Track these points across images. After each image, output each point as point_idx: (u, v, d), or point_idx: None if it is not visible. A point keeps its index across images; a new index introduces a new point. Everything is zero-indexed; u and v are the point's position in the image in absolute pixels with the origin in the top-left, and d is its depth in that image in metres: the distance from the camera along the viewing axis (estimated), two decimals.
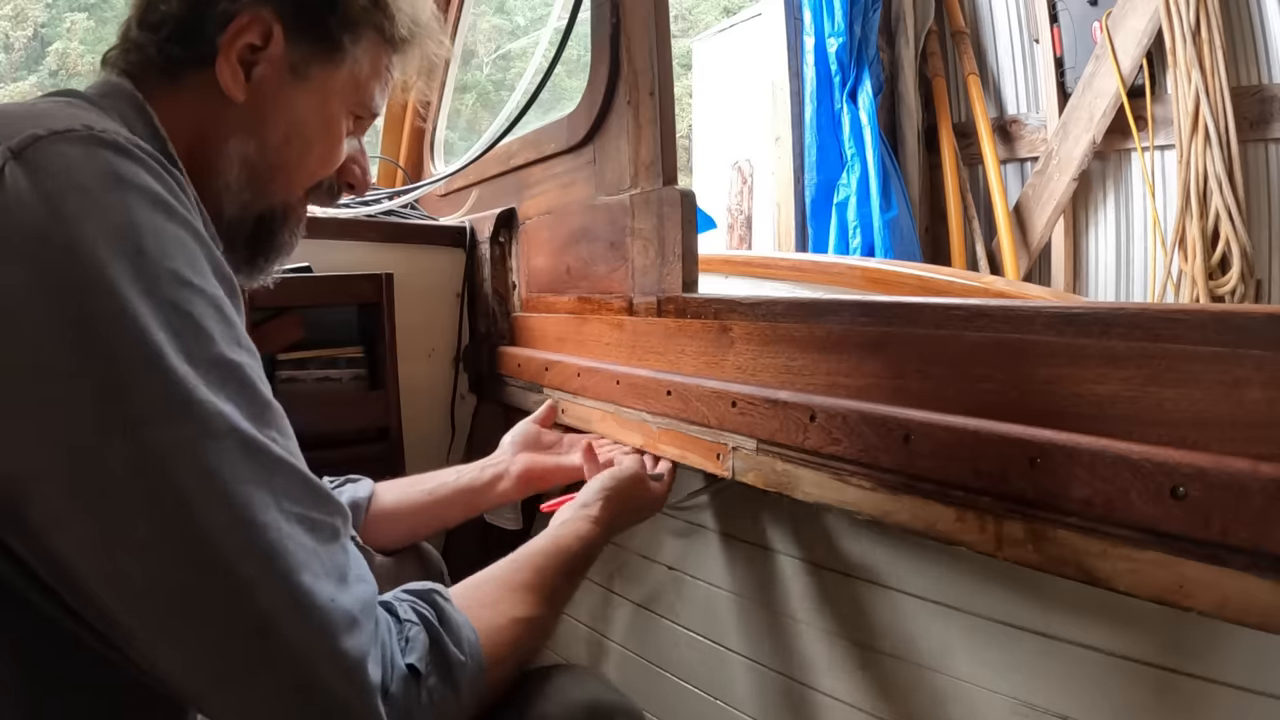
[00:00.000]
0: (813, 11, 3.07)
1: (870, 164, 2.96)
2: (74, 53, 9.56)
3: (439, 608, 0.47)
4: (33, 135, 0.41)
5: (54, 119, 0.43)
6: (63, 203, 0.40)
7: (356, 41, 0.60)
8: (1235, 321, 0.45)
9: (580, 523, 0.69)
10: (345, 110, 0.62)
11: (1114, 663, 0.57)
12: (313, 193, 0.65)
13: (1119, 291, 2.68)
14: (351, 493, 0.81)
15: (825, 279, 1.74)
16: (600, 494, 0.74)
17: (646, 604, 1.00)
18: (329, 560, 0.42)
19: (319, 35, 0.58)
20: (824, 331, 0.71)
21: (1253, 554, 0.41)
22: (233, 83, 0.56)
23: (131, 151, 0.43)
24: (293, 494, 0.42)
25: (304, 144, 0.60)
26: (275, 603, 0.39)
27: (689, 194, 0.92)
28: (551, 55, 1.15)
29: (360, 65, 0.61)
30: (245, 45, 0.56)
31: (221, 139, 0.57)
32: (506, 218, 1.30)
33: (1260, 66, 2.29)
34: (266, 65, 0.57)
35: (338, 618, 0.40)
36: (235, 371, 0.42)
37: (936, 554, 0.69)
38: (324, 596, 0.40)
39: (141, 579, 0.38)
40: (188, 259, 0.43)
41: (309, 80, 0.59)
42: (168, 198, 0.44)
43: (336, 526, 0.44)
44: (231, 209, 0.59)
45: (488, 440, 1.33)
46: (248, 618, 0.39)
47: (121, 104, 0.54)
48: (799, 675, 0.80)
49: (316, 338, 1.22)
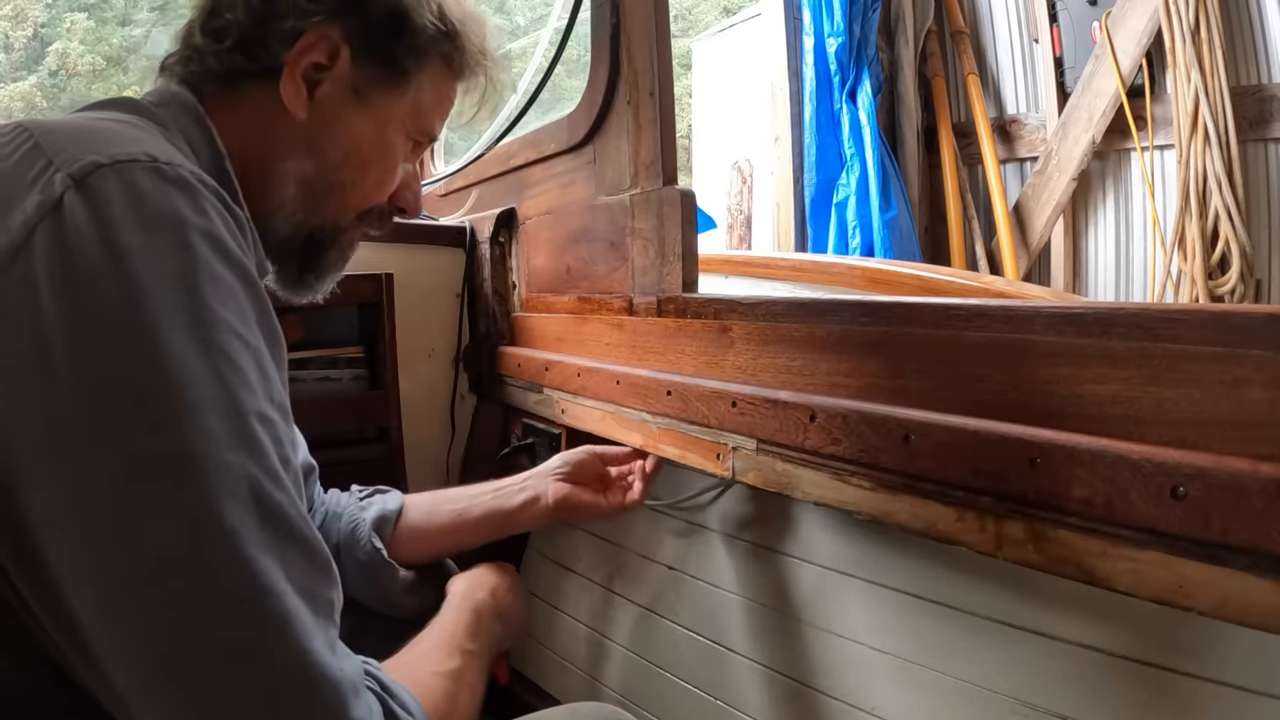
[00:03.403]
0: (812, 11, 3.07)
1: (870, 164, 2.96)
2: (74, 53, 9.54)
3: (375, 675, 0.46)
4: (94, 163, 0.40)
5: (118, 143, 0.42)
6: (121, 239, 0.39)
7: (421, 69, 0.60)
8: (1235, 321, 0.45)
9: (459, 598, 0.70)
10: (404, 135, 0.61)
11: (1113, 662, 0.57)
12: (366, 216, 0.64)
13: (1119, 291, 2.69)
14: (381, 505, 0.80)
15: (825, 279, 1.74)
16: (473, 583, 0.74)
17: (646, 604, 1.00)
18: (326, 634, 0.41)
19: (385, 60, 0.58)
20: (824, 331, 0.71)
21: (1253, 554, 0.41)
22: (296, 100, 0.55)
23: (195, 188, 0.42)
24: (301, 565, 0.41)
25: (361, 166, 0.60)
26: (290, 671, 0.38)
27: (689, 194, 0.92)
28: (551, 55, 1.15)
29: (423, 92, 0.61)
30: (311, 63, 0.55)
31: (279, 157, 0.57)
32: (506, 218, 1.30)
33: (1260, 66, 2.29)
34: (330, 85, 0.56)
35: (346, 687, 0.40)
36: (267, 429, 0.41)
37: (936, 554, 0.69)
38: (334, 667, 0.40)
39: (143, 637, 0.37)
40: (238, 308, 0.42)
41: (371, 104, 0.58)
42: (227, 240, 0.43)
43: (332, 600, 0.43)
44: (284, 227, 0.59)
45: (488, 440, 1.33)
46: (260, 684, 0.38)
47: (182, 116, 0.53)
48: (800, 675, 0.80)
49: (316, 338, 1.22)
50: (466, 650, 0.60)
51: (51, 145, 0.42)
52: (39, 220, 0.39)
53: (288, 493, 0.41)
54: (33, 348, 0.37)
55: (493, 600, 0.71)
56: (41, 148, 0.42)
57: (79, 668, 0.41)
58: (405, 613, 0.78)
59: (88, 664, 0.40)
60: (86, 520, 0.37)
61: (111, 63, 9.64)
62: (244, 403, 0.40)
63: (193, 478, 0.37)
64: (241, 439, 0.39)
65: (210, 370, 0.39)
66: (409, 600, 0.79)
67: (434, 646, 0.59)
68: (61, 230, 0.38)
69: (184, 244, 0.40)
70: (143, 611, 0.37)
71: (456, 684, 0.55)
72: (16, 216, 0.39)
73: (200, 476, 0.38)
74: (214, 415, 0.39)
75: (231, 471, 0.38)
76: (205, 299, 0.40)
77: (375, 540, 0.78)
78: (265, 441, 0.41)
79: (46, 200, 0.39)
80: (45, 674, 0.42)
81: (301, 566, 0.41)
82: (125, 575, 0.37)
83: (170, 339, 0.38)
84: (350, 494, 0.83)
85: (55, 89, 9.38)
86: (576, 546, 1.12)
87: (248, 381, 0.41)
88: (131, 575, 0.37)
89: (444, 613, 0.66)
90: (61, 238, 0.38)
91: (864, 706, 0.74)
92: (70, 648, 0.40)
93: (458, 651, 0.59)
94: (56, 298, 0.37)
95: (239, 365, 0.40)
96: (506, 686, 0.96)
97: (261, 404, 0.41)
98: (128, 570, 0.37)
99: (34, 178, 0.40)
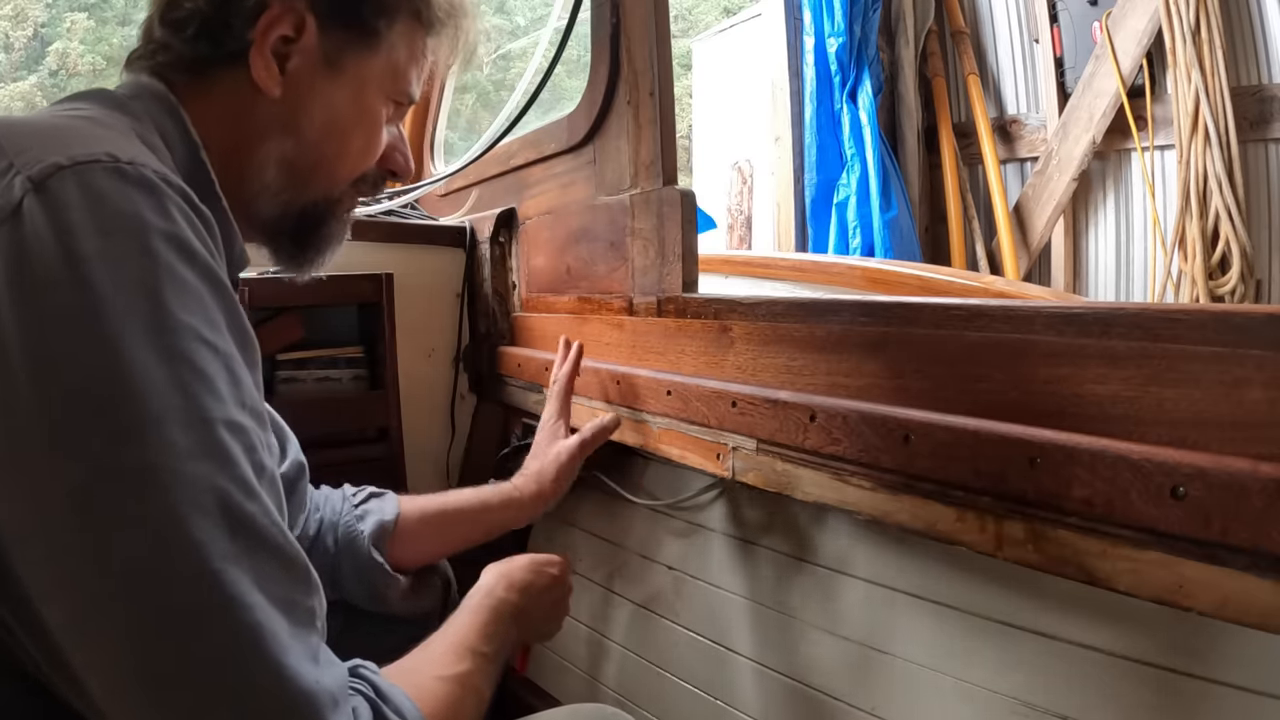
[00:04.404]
0: (812, 11, 3.07)
1: (870, 164, 2.96)
2: (74, 53, 9.55)
3: (370, 681, 0.46)
4: (55, 165, 0.39)
5: (79, 142, 0.41)
6: (80, 246, 0.38)
7: (392, 26, 0.58)
8: (1235, 321, 0.45)
9: (481, 595, 0.67)
10: (383, 98, 0.59)
11: (1114, 663, 0.57)
12: (358, 184, 0.62)
13: (1119, 291, 2.69)
14: (379, 516, 0.79)
15: (825, 279, 1.74)
16: (501, 577, 0.71)
17: (647, 604, 1.00)
18: (307, 643, 0.40)
19: (353, 22, 0.56)
20: (824, 331, 0.71)
21: (1253, 554, 0.41)
22: (267, 77, 0.54)
23: (158, 188, 0.41)
24: (275, 575, 0.40)
25: (343, 136, 0.58)
26: (263, 685, 0.37)
27: (689, 194, 0.92)
28: (551, 55, 1.15)
29: (397, 51, 0.59)
30: (278, 37, 0.53)
31: (257, 140, 0.56)
32: (506, 218, 1.30)
33: (1260, 66, 2.29)
34: (300, 57, 0.55)
35: (324, 699, 0.39)
36: (237, 436, 0.40)
37: (936, 554, 0.69)
38: (309, 679, 0.39)
39: (114, 652, 0.37)
40: (204, 313, 0.41)
41: (344, 70, 0.56)
42: (192, 242, 0.41)
43: (312, 608, 0.42)
44: (271, 209, 0.58)
45: (488, 440, 1.33)
46: (231, 697, 0.37)
47: (154, 107, 0.52)
48: (800, 675, 0.80)
49: (316, 338, 1.22)
50: (479, 653, 0.58)
51: (13, 145, 0.41)
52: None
53: (259, 502, 0.40)
54: None
55: (518, 599, 0.68)
56: (3, 148, 0.41)
57: (58, 682, 0.40)
58: (404, 614, 0.78)
59: (65, 678, 0.39)
60: (50, 534, 0.36)
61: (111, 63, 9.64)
62: (210, 410, 0.39)
63: (155, 490, 0.37)
64: (206, 448, 0.38)
65: (173, 379, 0.38)
66: (408, 606, 0.79)
67: (444, 649, 0.57)
68: (20, 236, 0.37)
69: (145, 249, 0.39)
70: (111, 627, 0.36)
71: (462, 689, 0.53)
72: None
73: (163, 489, 0.37)
74: (176, 426, 0.38)
75: (197, 483, 0.37)
76: (167, 305, 0.39)
77: (376, 555, 0.77)
78: (234, 450, 0.40)
79: (6, 205, 0.38)
80: (25, 690, 0.41)
81: (276, 577, 0.40)
82: (92, 590, 0.36)
83: (131, 348, 0.37)
84: (343, 496, 0.81)
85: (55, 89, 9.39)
86: (576, 546, 1.12)
87: (214, 389, 0.40)
88: (98, 590, 0.36)
89: (461, 612, 0.64)
90: (20, 244, 0.37)
91: (864, 706, 0.74)
92: (46, 662, 0.39)
93: (468, 654, 0.57)
94: (14, 306, 0.37)
95: (204, 372, 0.39)
96: (506, 687, 0.96)
97: (231, 411, 0.40)
98: (94, 585, 0.36)
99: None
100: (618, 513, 1.08)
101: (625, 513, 1.06)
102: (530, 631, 0.72)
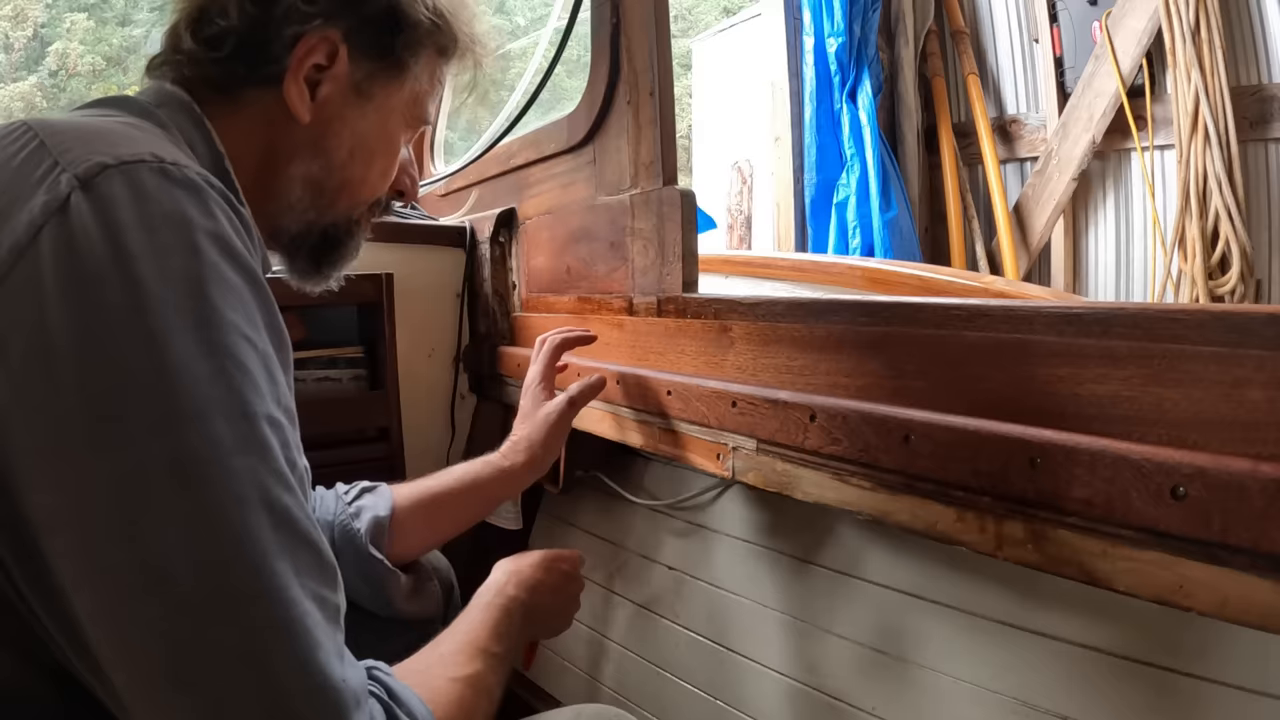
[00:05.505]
0: (812, 11, 3.07)
1: (870, 164, 2.96)
2: (74, 53, 9.55)
3: (382, 681, 0.46)
4: (101, 163, 0.40)
5: (124, 143, 0.42)
6: (128, 242, 0.38)
7: (418, 59, 0.60)
8: (1235, 321, 0.45)
9: (492, 594, 0.67)
10: (403, 124, 0.62)
11: (1114, 663, 0.57)
12: (372, 206, 0.65)
13: (1119, 291, 2.69)
14: (374, 512, 0.78)
15: (825, 279, 1.74)
16: (512, 574, 0.71)
17: (647, 604, 1.00)
18: (335, 640, 0.41)
19: (383, 54, 0.58)
20: (824, 331, 0.71)
21: (1253, 554, 0.41)
22: (300, 103, 0.55)
23: (202, 189, 0.42)
24: (311, 570, 0.40)
25: (367, 160, 0.60)
26: (294, 678, 0.38)
27: (689, 194, 0.92)
28: (551, 55, 1.15)
29: (420, 81, 0.61)
30: (312, 65, 0.55)
31: (284, 160, 0.57)
32: (506, 218, 1.30)
33: (1260, 66, 2.29)
34: (331, 85, 0.56)
35: (349, 698, 0.39)
36: (276, 432, 0.41)
37: (936, 554, 0.69)
38: (338, 675, 0.39)
39: (147, 641, 0.37)
40: (245, 311, 0.42)
41: (372, 98, 0.58)
42: (234, 242, 0.42)
43: (339, 605, 0.43)
44: (295, 226, 0.60)
45: (488, 440, 1.33)
46: (261, 690, 0.37)
47: (179, 116, 0.52)
48: (801, 675, 0.80)
49: (316, 338, 1.23)
50: (490, 653, 0.58)
51: (57, 145, 0.42)
52: (45, 221, 0.38)
53: (296, 496, 0.41)
54: (38, 349, 0.37)
55: (528, 597, 0.68)
56: (47, 147, 0.42)
57: (81, 670, 0.40)
58: (407, 616, 0.78)
59: (89, 666, 0.40)
60: (87, 522, 0.37)
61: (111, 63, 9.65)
62: (252, 405, 0.40)
63: (200, 482, 0.37)
64: (250, 442, 0.39)
65: (217, 373, 0.39)
66: (411, 606, 0.79)
67: (455, 649, 0.57)
68: (68, 232, 0.38)
69: (191, 246, 0.40)
70: (144, 616, 0.37)
71: (474, 690, 0.53)
72: (22, 217, 0.39)
73: (208, 481, 0.37)
74: (221, 419, 0.38)
75: (241, 476, 0.38)
76: (213, 302, 0.40)
77: (374, 551, 0.77)
78: (273, 444, 0.40)
79: (53, 201, 0.39)
80: (48, 675, 0.41)
81: (311, 572, 0.40)
82: (128, 579, 0.37)
83: (177, 342, 0.38)
84: (335, 495, 0.81)
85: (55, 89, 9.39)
86: (576, 547, 1.12)
87: (256, 384, 0.40)
88: (134, 580, 0.36)
89: (471, 609, 0.64)
90: (68, 240, 0.38)
91: (864, 706, 0.74)
92: (72, 649, 0.40)
93: (479, 654, 0.57)
94: (63, 300, 0.37)
95: (247, 368, 0.40)
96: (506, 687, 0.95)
97: (270, 407, 0.41)
98: (130, 574, 0.36)
99: (40, 178, 0.40)
100: (618, 513, 1.08)
101: (625, 513, 1.06)
102: (540, 629, 0.73)
